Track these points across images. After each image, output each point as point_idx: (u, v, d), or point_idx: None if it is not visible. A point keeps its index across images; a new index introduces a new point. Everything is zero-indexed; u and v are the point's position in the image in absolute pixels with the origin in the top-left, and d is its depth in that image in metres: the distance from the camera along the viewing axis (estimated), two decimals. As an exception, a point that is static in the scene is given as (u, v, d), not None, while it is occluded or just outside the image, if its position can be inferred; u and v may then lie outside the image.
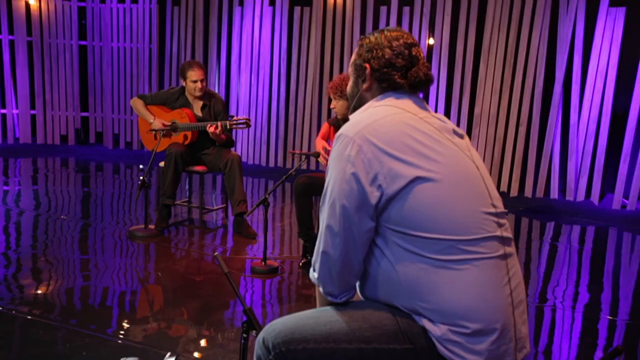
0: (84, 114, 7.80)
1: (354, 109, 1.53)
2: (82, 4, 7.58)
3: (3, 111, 7.38)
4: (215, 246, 4.00)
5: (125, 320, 2.69)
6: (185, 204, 4.81)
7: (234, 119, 4.15)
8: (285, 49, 6.82)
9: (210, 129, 4.08)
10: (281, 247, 4.05)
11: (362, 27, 6.46)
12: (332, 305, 1.42)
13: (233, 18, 7.05)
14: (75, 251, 3.67)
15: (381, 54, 1.45)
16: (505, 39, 5.82)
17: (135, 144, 7.69)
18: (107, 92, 7.71)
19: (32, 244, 3.75)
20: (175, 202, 4.36)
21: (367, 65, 1.47)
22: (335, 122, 3.63)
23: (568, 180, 5.70)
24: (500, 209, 1.40)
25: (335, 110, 3.47)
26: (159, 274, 3.38)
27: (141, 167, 4.06)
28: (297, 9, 6.72)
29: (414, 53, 1.46)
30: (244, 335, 1.64)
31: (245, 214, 4.13)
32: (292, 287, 3.30)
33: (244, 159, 7.06)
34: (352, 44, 6.50)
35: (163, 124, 4.26)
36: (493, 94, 5.92)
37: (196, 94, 4.24)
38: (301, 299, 3.11)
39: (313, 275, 1.42)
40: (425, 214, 1.29)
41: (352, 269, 1.35)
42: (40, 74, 7.49)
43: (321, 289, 1.40)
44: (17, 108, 7.45)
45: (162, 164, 4.25)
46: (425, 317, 1.31)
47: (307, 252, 3.58)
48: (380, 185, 1.29)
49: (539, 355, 2.59)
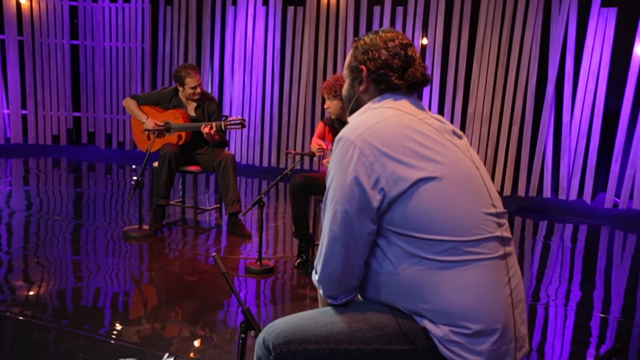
0: (76, 114, 7.75)
1: (351, 112, 1.53)
2: (74, 3, 7.53)
3: (-6, 111, 7.33)
4: (209, 246, 3.99)
5: (121, 321, 2.67)
6: (179, 204, 4.79)
7: (229, 119, 4.14)
8: (278, 48, 6.81)
9: (205, 130, 4.07)
10: (275, 247, 4.04)
11: (356, 27, 6.46)
12: (333, 306, 1.42)
13: (226, 17, 7.03)
14: (69, 252, 3.64)
15: (377, 55, 1.45)
16: (498, 39, 5.85)
17: (127, 144, 7.65)
18: (99, 92, 7.67)
19: (24, 245, 3.72)
20: (169, 203, 4.34)
21: (364, 67, 1.47)
22: (330, 122, 3.63)
23: (560, 179, 5.74)
24: (500, 209, 1.40)
25: (329, 110, 3.46)
26: (154, 274, 3.36)
27: (134, 167, 4.04)
28: (291, 9, 6.71)
29: (409, 53, 1.46)
30: (242, 335, 1.64)
31: (240, 214, 4.12)
32: (287, 287, 3.29)
33: (238, 159, 7.05)
34: (345, 43, 6.51)
35: (156, 124, 4.24)
36: (486, 93, 5.94)
37: (194, 98, 4.23)
38: (297, 299, 3.11)
39: (314, 277, 1.42)
40: (428, 216, 1.29)
41: (353, 272, 1.35)
42: (31, 73, 7.43)
43: (322, 292, 1.40)
44: (8, 108, 7.39)
45: (155, 164, 4.24)
46: (426, 318, 1.31)
47: (303, 252, 3.58)
48: (382, 189, 1.29)
49: (533, 353, 2.60)
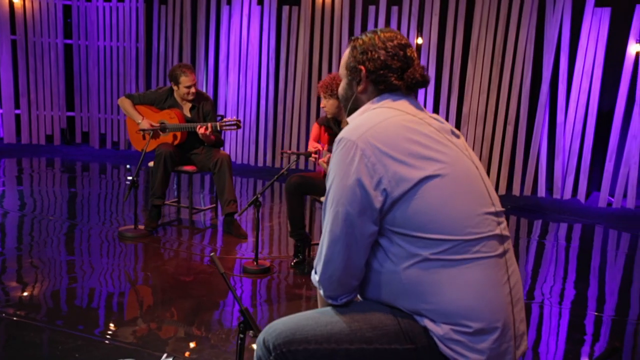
0: (70, 113, 7.71)
1: (350, 112, 1.52)
2: (67, 2, 7.49)
3: (-13, 111, 7.28)
4: (204, 246, 3.98)
5: (118, 322, 2.66)
6: (175, 204, 4.78)
7: (224, 120, 4.13)
8: (273, 48, 6.80)
9: (200, 130, 4.06)
10: (270, 247, 4.04)
11: (351, 27, 6.46)
12: (333, 306, 1.42)
13: (221, 17, 7.01)
14: (65, 252, 3.62)
15: (376, 55, 1.44)
16: (492, 39, 5.87)
17: (122, 144, 7.62)
18: (93, 92, 7.63)
19: (18, 246, 3.70)
20: (165, 203, 4.33)
21: (362, 68, 1.46)
22: (325, 122, 3.62)
23: (555, 178, 5.77)
24: (499, 208, 1.41)
25: (325, 109, 3.46)
26: (150, 274, 3.35)
27: (128, 167, 4.03)
28: (286, 8, 6.71)
29: (408, 54, 1.46)
30: (241, 335, 1.64)
31: (236, 214, 4.11)
32: (284, 286, 3.29)
33: (233, 159, 7.03)
34: (340, 43, 6.51)
35: (151, 124, 4.23)
36: (481, 93, 5.96)
37: (189, 98, 4.22)
38: (293, 298, 3.11)
39: (314, 277, 1.42)
40: (429, 215, 1.29)
41: (354, 273, 1.35)
42: (24, 73, 7.39)
43: (322, 292, 1.40)
44: (1, 108, 7.34)
45: (151, 164, 4.22)
46: (426, 317, 1.31)
47: (299, 252, 3.58)
48: (384, 189, 1.29)
49: (528, 352, 2.61)
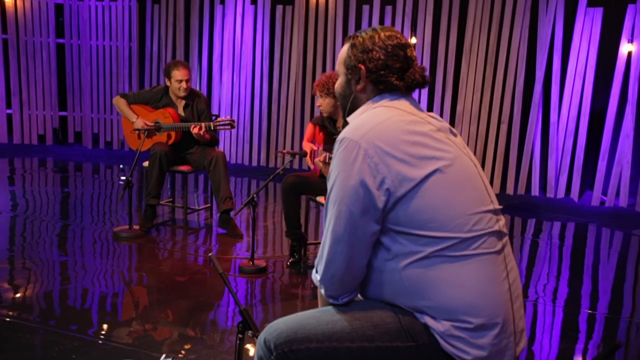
0: (62, 113, 7.65)
1: (349, 111, 1.52)
2: (60, 0, 7.43)
3: (-22, 110, 7.22)
4: (200, 246, 3.97)
5: (115, 323, 2.65)
6: (170, 204, 4.77)
7: (218, 119, 4.13)
8: (267, 47, 6.79)
9: (194, 130, 4.05)
10: (265, 247, 4.04)
11: (345, 26, 6.47)
12: (334, 305, 1.42)
13: (214, 16, 6.99)
14: (59, 253, 3.60)
15: (377, 55, 1.43)
16: (486, 39, 5.89)
17: (115, 144, 7.58)
18: (86, 91, 7.58)
19: (10, 247, 3.68)
20: (160, 202, 4.31)
21: (362, 67, 1.45)
22: (320, 121, 3.62)
23: (548, 177, 5.80)
24: (497, 204, 1.43)
25: (321, 108, 3.46)
26: (147, 275, 3.34)
27: (121, 166, 4.01)
28: (279, 7, 6.70)
29: (408, 54, 1.46)
30: (240, 335, 1.64)
31: (232, 212, 4.10)
32: (280, 286, 3.29)
33: (227, 158, 6.99)
34: (334, 42, 6.51)
35: (145, 123, 4.21)
36: (475, 92, 5.98)
37: (180, 94, 4.21)
38: (289, 298, 3.11)
39: (315, 277, 1.42)
40: (431, 213, 1.30)
41: (356, 273, 1.36)
42: (16, 72, 7.33)
43: (323, 291, 1.40)
44: (-8, 107, 7.29)
45: (146, 163, 4.21)
46: (427, 315, 1.32)
47: (295, 252, 3.58)
48: (387, 189, 1.30)
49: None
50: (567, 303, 3.23)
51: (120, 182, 5.93)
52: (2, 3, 7.14)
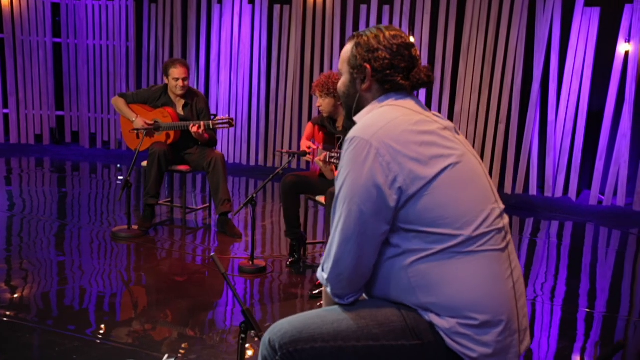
0: (59, 112, 7.63)
1: (355, 110, 1.52)
2: (56, 0, 7.41)
3: (-26, 110, 7.19)
4: (199, 246, 3.97)
5: (115, 323, 2.65)
6: (168, 203, 4.76)
7: (217, 118, 4.12)
8: (265, 47, 6.78)
9: (193, 129, 4.04)
10: (264, 246, 4.03)
11: (343, 25, 6.47)
12: (338, 304, 1.42)
13: (212, 16, 6.98)
14: (58, 253, 3.59)
15: (383, 55, 1.43)
16: (484, 38, 5.90)
17: (112, 144, 7.56)
18: (83, 91, 7.56)
19: (7, 247, 3.66)
20: (158, 202, 4.31)
21: (368, 66, 1.45)
22: (320, 121, 3.62)
23: (546, 177, 5.81)
24: (501, 203, 1.44)
25: (321, 108, 3.46)
26: (147, 275, 3.34)
27: (119, 166, 4.00)
28: (277, 7, 6.69)
29: (413, 54, 1.47)
30: (242, 335, 1.64)
31: (231, 214, 4.10)
32: (280, 286, 3.29)
33: (225, 158, 6.99)
34: (332, 41, 6.51)
35: (145, 122, 4.21)
36: (473, 91, 5.99)
37: (177, 92, 4.20)
38: (289, 297, 3.11)
39: (322, 275, 1.42)
40: (439, 211, 1.31)
41: (363, 272, 1.36)
42: (12, 72, 7.30)
43: (329, 290, 1.40)
44: (-11, 107, 7.26)
45: (144, 163, 4.20)
46: (432, 312, 1.33)
47: (294, 251, 3.58)
48: (399, 188, 1.30)
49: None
50: (565, 302, 3.24)
51: (118, 182, 5.92)
52: (-2, 2, 7.11)
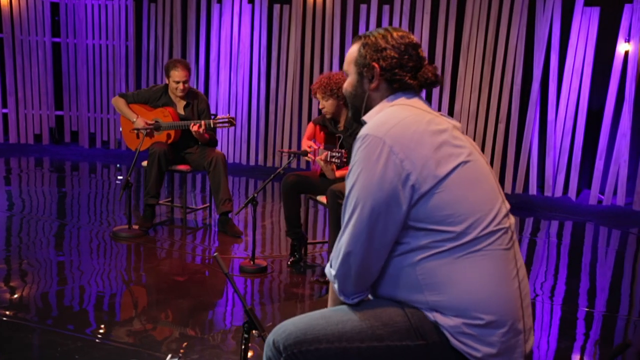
0: (59, 112, 7.62)
1: (365, 110, 1.53)
2: (55, -1, 7.41)
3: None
4: (200, 246, 3.96)
5: (117, 323, 2.64)
6: (168, 203, 4.76)
7: (217, 117, 4.12)
8: (265, 46, 6.78)
9: (194, 128, 4.04)
10: (263, 246, 4.03)
11: (342, 25, 6.47)
12: (342, 305, 1.42)
13: (211, 15, 6.97)
14: (59, 253, 3.59)
15: (391, 54, 1.45)
16: (484, 37, 5.91)
17: (112, 143, 7.55)
18: (82, 90, 7.55)
19: (7, 248, 3.66)
20: (159, 202, 4.30)
21: (376, 65, 1.47)
22: (321, 121, 3.61)
23: (546, 176, 5.82)
24: (507, 202, 1.44)
25: (324, 110, 3.43)
26: (149, 275, 3.33)
27: (118, 166, 3.99)
28: (277, 7, 6.69)
29: (420, 54, 1.49)
30: (245, 335, 1.64)
31: (232, 213, 4.10)
32: (281, 286, 3.29)
33: (224, 158, 7.00)
34: (332, 41, 6.51)
35: (146, 122, 4.20)
36: (472, 91, 6.00)
37: (178, 94, 4.20)
38: (291, 297, 3.11)
39: (330, 271, 1.42)
40: (449, 210, 1.31)
41: (371, 271, 1.36)
42: (12, 71, 7.30)
43: (336, 287, 1.40)
44: (-12, 107, 7.25)
45: (144, 163, 4.20)
46: (437, 312, 1.33)
47: (295, 251, 3.58)
48: (412, 185, 1.30)
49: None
50: (565, 301, 3.25)
51: (117, 182, 5.92)
52: (-3, 2, 7.10)
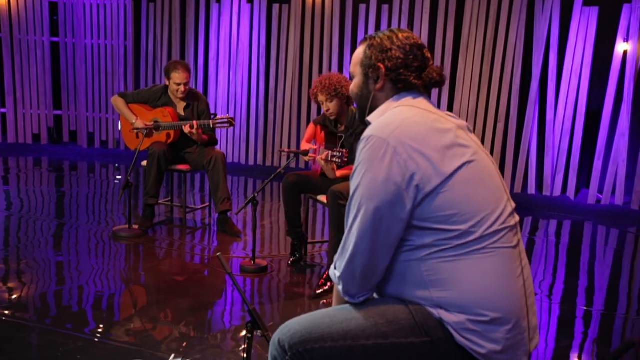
0: (57, 112, 7.61)
1: (369, 110, 1.54)
2: (54, -1, 7.40)
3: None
4: (196, 245, 3.97)
5: (118, 323, 2.65)
6: (168, 203, 4.76)
7: (217, 118, 4.12)
8: (264, 46, 6.78)
9: (186, 129, 4.03)
10: (262, 246, 4.04)
11: (342, 25, 6.47)
12: (347, 303, 1.43)
13: (210, 15, 6.97)
14: (57, 252, 3.59)
15: (396, 54, 1.47)
16: (483, 37, 5.92)
17: (111, 143, 7.55)
18: (81, 90, 7.54)
19: (7, 247, 3.66)
20: (158, 202, 4.30)
21: (382, 65, 1.48)
22: (322, 121, 3.61)
23: (545, 176, 5.84)
24: (512, 201, 1.45)
25: (329, 112, 3.39)
26: (149, 275, 3.34)
27: (117, 165, 3.99)
28: (276, 6, 6.69)
29: (425, 54, 1.50)
30: (249, 335, 1.64)
31: (232, 213, 4.10)
32: (282, 285, 3.29)
33: (223, 157, 7.00)
34: (331, 41, 6.51)
35: (146, 124, 4.20)
36: (471, 90, 6.01)
37: (179, 96, 4.19)
38: (291, 297, 3.11)
39: (334, 272, 1.42)
40: (455, 209, 1.32)
41: (376, 272, 1.36)
42: (10, 71, 7.28)
43: (341, 288, 1.40)
44: (-14, 106, 7.24)
45: (144, 163, 4.20)
46: (442, 308, 1.33)
47: (296, 250, 3.58)
48: (417, 186, 1.31)
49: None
50: (563, 300, 3.26)
51: (116, 182, 5.91)
52: (-5, 1, 7.09)
